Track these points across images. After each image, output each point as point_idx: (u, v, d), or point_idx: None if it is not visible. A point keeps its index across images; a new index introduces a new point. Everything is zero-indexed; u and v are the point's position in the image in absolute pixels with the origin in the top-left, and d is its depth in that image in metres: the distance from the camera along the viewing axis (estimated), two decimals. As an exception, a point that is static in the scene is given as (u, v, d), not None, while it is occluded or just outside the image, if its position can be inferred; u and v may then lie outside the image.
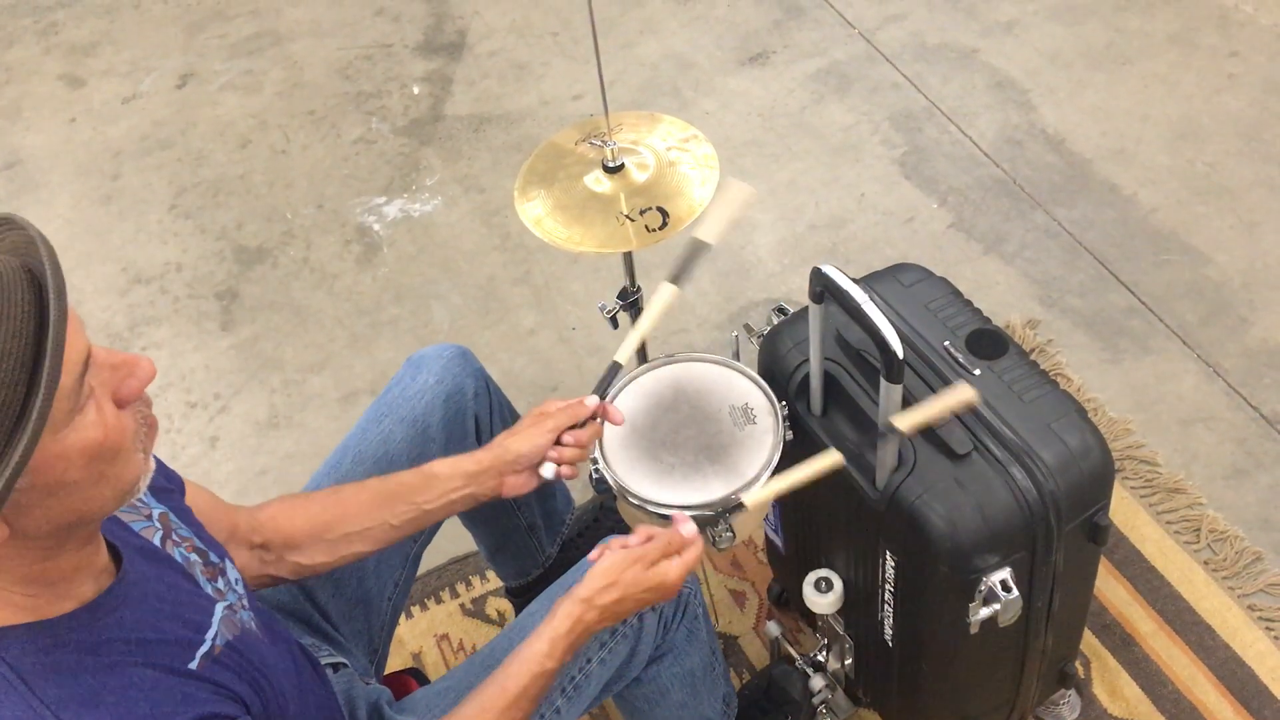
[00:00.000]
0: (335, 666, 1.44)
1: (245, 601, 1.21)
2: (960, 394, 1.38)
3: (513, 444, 1.44)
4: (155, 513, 1.20)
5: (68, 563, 1.00)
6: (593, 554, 1.33)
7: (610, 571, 1.29)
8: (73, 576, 1.01)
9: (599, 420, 1.49)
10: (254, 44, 3.44)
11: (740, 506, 1.42)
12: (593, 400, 1.47)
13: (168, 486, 1.26)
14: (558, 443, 1.45)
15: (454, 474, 1.44)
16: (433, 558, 2.15)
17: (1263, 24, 3.03)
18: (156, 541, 1.17)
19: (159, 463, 1.10)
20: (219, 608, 1.15)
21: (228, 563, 1.24)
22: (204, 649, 1.08)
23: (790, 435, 1.59)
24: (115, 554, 1.08)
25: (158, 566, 1.13)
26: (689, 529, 1.35)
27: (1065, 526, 1.47)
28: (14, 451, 0.85)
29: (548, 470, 1.45)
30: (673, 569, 1.31)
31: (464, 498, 1.45)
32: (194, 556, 1.19)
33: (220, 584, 1.20)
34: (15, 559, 0.95)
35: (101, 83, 3.39)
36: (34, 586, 0.98)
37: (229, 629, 1.14)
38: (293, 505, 1.44)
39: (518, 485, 1.46)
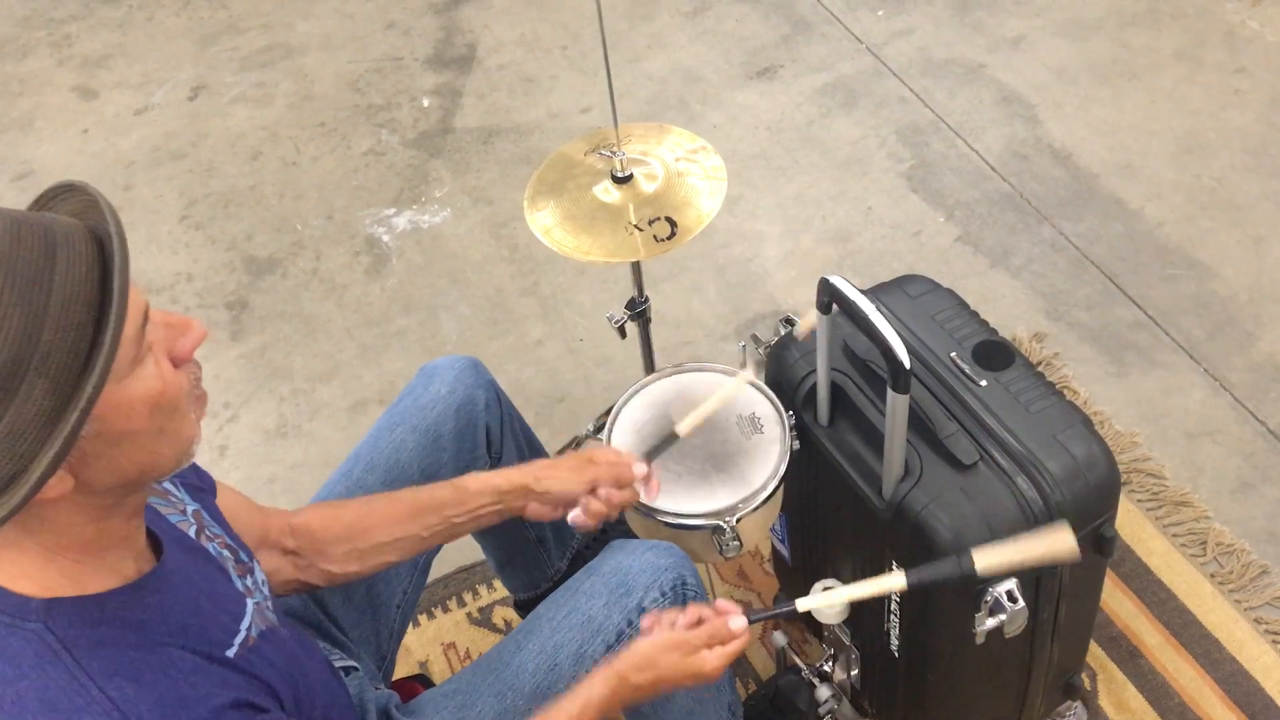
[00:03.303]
0: (346, 670, 1.45)
1: (270, 603, 1.23)
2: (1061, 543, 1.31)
3: (548, 480, 1.45)
4: (189, 509, 1.22)
5: (118, 531, 1.03)
6: (644, 621, 1.34)
7: (651, 653, 1.30)
8: (119, 548, 1.04)
9: (638, 485, 1.49)
10: (265, 57, 3.47)
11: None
12: (641, 469, 1.48)
13: (200, 485, 1.29)
14: (592, 491, 1.46)
15: (485, 490, 1.45)
16: (440, 567, 2.15)
17: (1269, 40, 3.04)
18: (191, 535, 1.19)
19: (192, 463, 1.12)
20: (250, 603, 1.17)
21: (255, 563, 1.26)
22: (240, 637, 1.11)
23: (797, 445, 1.60)
24: (154, 543, 1.11)
25: (194, 558, 1.15)
26: (738, 623, 1.34)
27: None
28: (82, 393, 0.89)
29: (571, 516, 1.46)
30: (712, 659, 1.31)
31: (492, 514, 1.46)
32: (226, 553, 1.22)
33: (249, 582, 1.22)
34: (74, 516, 0.98)
35: (114, 94, 3.41)
36: (83, 554, 1.00)
37: (261, 620, 1.16)
38: (327, 513, 1.45)
39: (541, 513, 1.48)
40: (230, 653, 1.08)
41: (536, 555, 1.86)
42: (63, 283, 0.89)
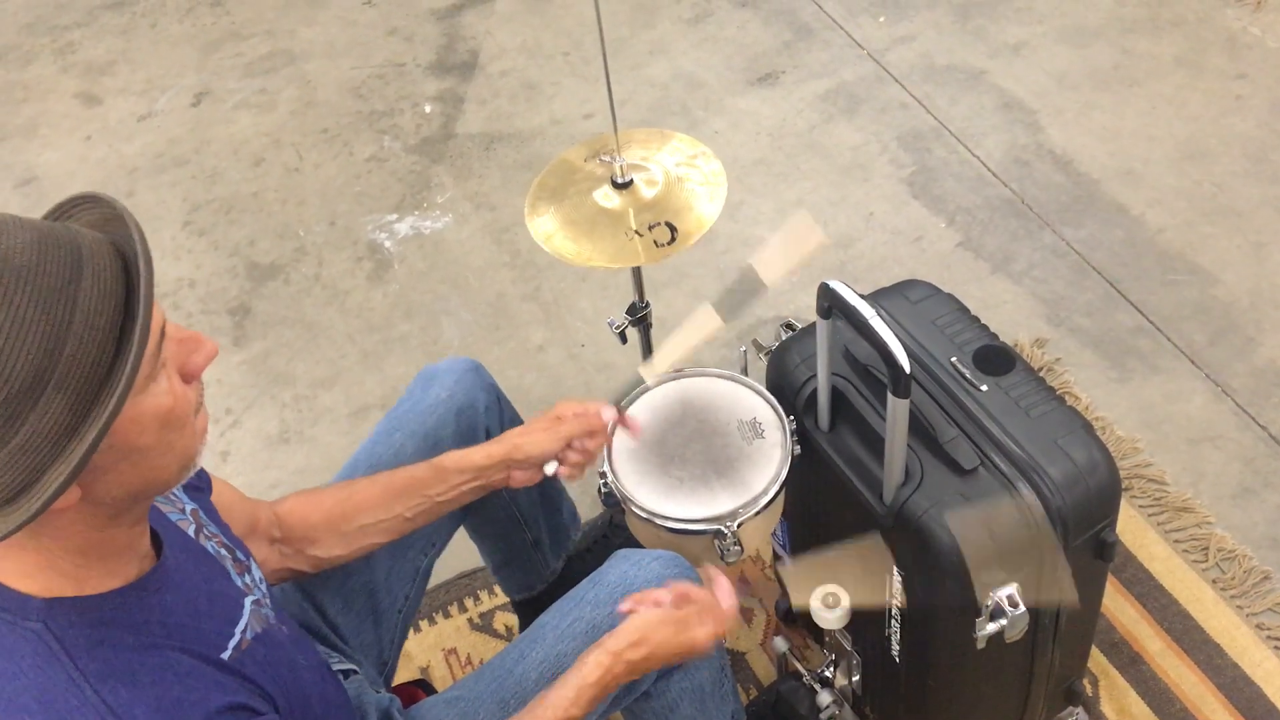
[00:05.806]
0: (345, 673, 1.45)
1: (268, 600, 1.23)
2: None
3: (523, 444, 1.49)
4: (188, 508, 1.23)
5: (121, 538, 1.03)
6: (624, 605, 1.34)
7: (642, 629, 1.31)
8: (122, 553, 1.04)
9: (610, 431, 1.52)
10: (268, 63, 3.48)
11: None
12: (609, 413, 1.51)
13: (197, 485, 1.30)
14: (567, 446, 1.50)
15: (463, 468, 1.49)
16: (441, 573, 2.16)
17: (1270, 46, 3.04)
18: (191, 534, 1.20)
19: None
20: (248, 601, 1.18)
21: (252, 561, 1.27)
22: (235, 640, 1.11)
23: (798, 450, 1.60)
24: (155, 542, 1.11)
25: (193, 556, 1.16)
26: (729, 601, 1.34)
27: (1072, 542, 1.48)
28: (102, 410, 0.90)
29: (549, 467, 1.51)
30: (703, 634, 1.32)
31: (474, 489, 1.50)
32: (223, 551, 1.22)
33: (247, 579, 1.22)
34: (78, 525, 0.99)
35: (117, 101, 3.42)
36: (86, 558, 1.01)
37: (257, 622, 1.16)
38: (308, 499, 1.47)
39: (523, 479, 1.52)
40: (225, 655, 1.09)
41: (532, 557, 1.86)
42: (87, 300, 0.89)
